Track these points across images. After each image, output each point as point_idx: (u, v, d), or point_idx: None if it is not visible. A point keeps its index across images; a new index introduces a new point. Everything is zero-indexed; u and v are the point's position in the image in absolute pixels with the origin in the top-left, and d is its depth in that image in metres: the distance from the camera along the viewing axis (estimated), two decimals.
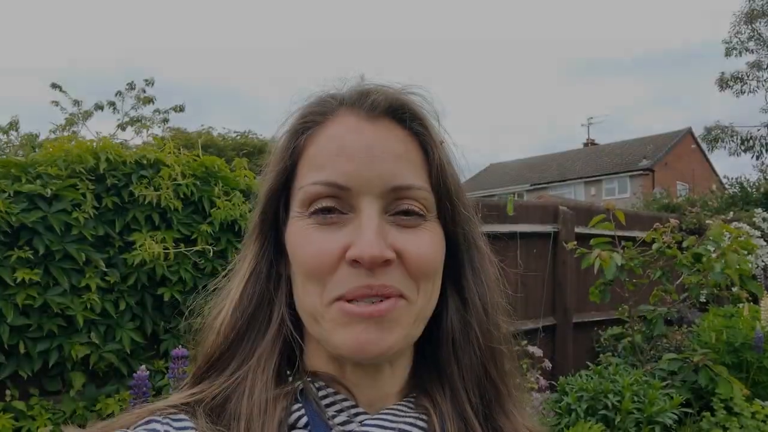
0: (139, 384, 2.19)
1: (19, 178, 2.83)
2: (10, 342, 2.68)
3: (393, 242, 0.62)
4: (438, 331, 0.72)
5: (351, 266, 0.61)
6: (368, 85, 0.70)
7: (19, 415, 2.74)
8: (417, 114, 0.68)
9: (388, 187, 0.63)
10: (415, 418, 0.68)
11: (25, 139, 9.76)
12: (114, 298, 3.02)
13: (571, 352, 5.85)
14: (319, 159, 0.65)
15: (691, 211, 7.77)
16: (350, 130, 0.65)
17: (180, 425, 0.61)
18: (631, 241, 4.68)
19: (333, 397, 0.66)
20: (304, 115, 0.69)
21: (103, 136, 3.40)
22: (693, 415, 4.39)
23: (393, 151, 0.65)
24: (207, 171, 3.40)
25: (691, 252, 4.34)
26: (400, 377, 0.71)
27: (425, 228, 0.66)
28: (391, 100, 0.67)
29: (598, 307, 6.06)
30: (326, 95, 0.70)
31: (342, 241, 0.62)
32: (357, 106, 0.67)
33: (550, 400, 4.44)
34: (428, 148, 0.68)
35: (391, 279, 0.62)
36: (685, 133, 33.96)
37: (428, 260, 0.65)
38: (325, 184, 0.63)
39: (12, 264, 2.68)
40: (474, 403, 0.70)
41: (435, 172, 0.67)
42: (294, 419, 0.64)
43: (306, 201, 0.64)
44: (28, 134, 9.98)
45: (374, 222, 0.62)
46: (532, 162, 38.74)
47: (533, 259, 5.63)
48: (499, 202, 5.46)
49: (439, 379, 0.71)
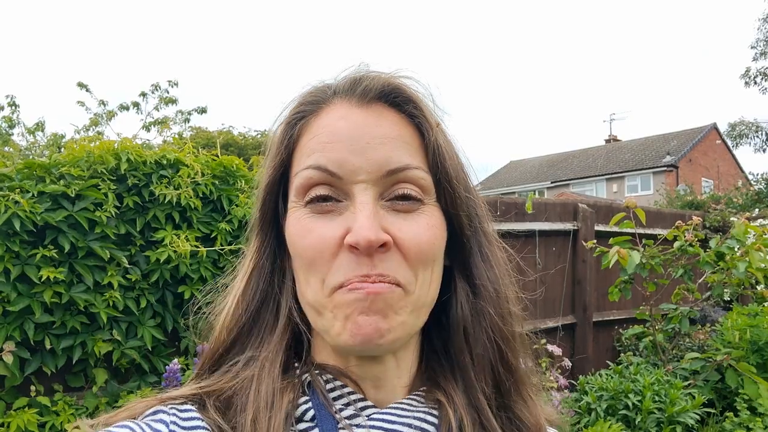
0: (171, 377, 2.24)
1: (43, 178, 2.89)
2: (35, 338, 2.74)
3: (389, 227, 0.61)
4: (447, 320, 0.70)
5: (350, 252, 0.60)
6: (361, 72, 0.69)
7: (44, 411, 2.80)
8: (410, 96, 0.67)
9: (382, 172, 0.62)
10: (425, 412, 0.66)
11: (51, 140, 9.92)
12: (135, 295, 3.08)
13: (591, 351, 5.80)
14: (311, 146, 0.65)
15: (715, 208, 7.64)
16: (341, 117, 0.65)
17: (187, 416, 0.62)
18: (652, 239, 4.62)
19: (340, 390, 0.66)
20: (298, 106, 0.69)
21: (124, 137, 3.44)
22: (716, 416, 4.33)
23: (386, 135, 0.64)
24: (225, 170, 3.43)
25: (715, 250, 4.27)
26: (407, 370, 0.70)
27: (423, 212, 0.64)
28: (383, 84, 0.66)
29: (619, 306, 5.99)
30: (321, 85, 0.70)
31: (339, 229, 0.61)
32: (350, 94, 0.66)
33: (570, 399, 4.41)
34: (424, 130, 0.66)
35: (389, 267, 0.61)
36: (709, 128, 33.38)
37: (425, 245, 0.63)
38: (315, 167, 0.63)
39: (37, 262, 2.74)
40: (488, 393, 0.68)
41: (432, 154, 0.66)
42: (301, 412, 0.64)
43: (301, 189, 0.64)
44: (54, 134, 10.15)
45: (368, 207, 0.61)
46: (552, 159, 38.40)
47: (552, 257, 5.59)
48: (518, 199, 5.43)
49: (451, 371, 0.70)
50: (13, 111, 9.73)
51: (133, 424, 0.60)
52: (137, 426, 0.59)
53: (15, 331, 2.67)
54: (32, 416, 2.70)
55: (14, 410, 2.73)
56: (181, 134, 9.72)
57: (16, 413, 2.70)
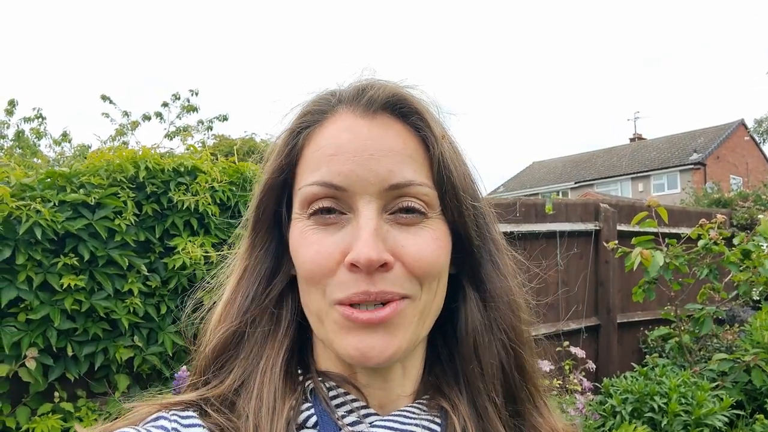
0: (181, 384, 2.26)
1: (64, 187, 2.95)
2: (58, 345, 2.79)
3: (393, 245, 0.61)
4: (455, 329, 0.70)
5: (350, 270, 0.60)
6: (367, 81, 0.68)
7: (67, 416, 2.84)
8: (416, 108, 0.66)
9: (386, 186, 0.62)
10: (429, 420, 0.66)
11: (78, 151, 10.13)
12: (155, 302, 3.11)
13: (616, 353, 5.71)
14: (316, 159, 0.64)
15: (743, 205, 7.48)
16: (346, 128, 0.64)
17: (188, 422, 0.62)
18: (676, 238, 4.53)
19: (343, 398, 0.65)
20: (302, 114, 0.68)
21: (143, 146, 3.50)
22: (745, 418, 4.23)
23: (391, 147, 0.63)
24: (242, 176, 3.46)
25: (740, 248, 4.18)
26: (413, 377, 0.70)
27: (427, 226, 0.64)
28: (388, 94, 0.66)
29: (644, 307, 5.89)
30: (326, 92, 0.69)
31: (341, 244, 0.61)
32: (355, 103, 0.66)
33: (594, 402, 4.34)
34: (428, 142, 0.65)
35: (391, 284, 0.60)
36: (737, 124, 32.70)
37: (430, 261, 0.63)
38: (320, 184, 0.62)
39: (59, 270, 2.79)
40: (497, 402, 0.67)
41: (437, 167, 0.65)
42: (303, 418, 0.63)
43: (305, 202, 0.64)
44: (81, 145, 10.36)
45: (372, 223, 0.60)
46: (575, 159, 37.99)
47: (574, 259, 5.52)
48: (538, 200, 5.37)
49: (456, 379, 0.70)
50: (40, 123, 9.97)
51: (134, 430, 0.60)
52: None
53: (38, 338, 2.72)
54: (56, 422, 2.75)
55: (39, 416, 2.77)
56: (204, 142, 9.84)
57: (40, 419, 2.74)
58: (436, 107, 0.70)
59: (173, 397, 0.66)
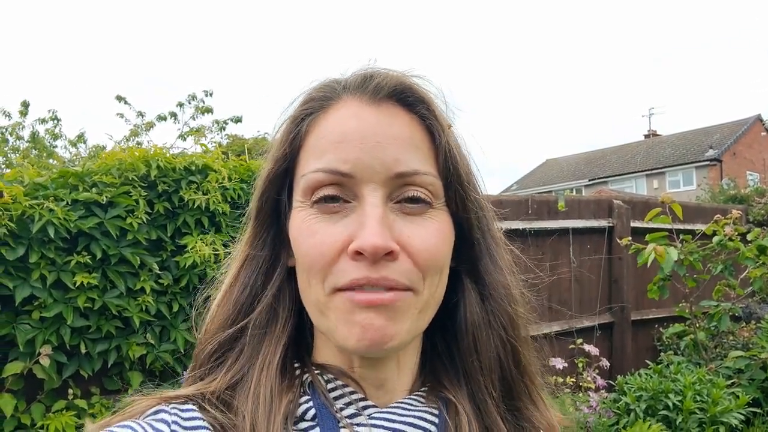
0: None
1: (77, 187, 2.98)
2: (71, 343, 2.82)
3: (398, 235, 0.60)
4: (454, 323, 0.70)
5: (353, 259, 0.59)
6: (372, 69, 0.67)
7: (81, 413, 2.87)
8: (422, 97, 0.65)
9: (392, 174, 0.61)
10: (426, 411, 0.66)
11: (93, 151, 10.22)
12: (168, 299, 3.14)
13: (630, 351, 5.65)
14: (320, 146, 0.63)
15: (759, 201, 7.38)
16: (352, 115, 0.63)
17: (188, 415, 0.61)
18: (690, 234, 4.48)
19: (341, 390, 0.65)
20: (306, 101, 0.67)
21: (154, 145, 3.52)
22: (762, 416, 4.18)
23: (397, 135, 0.62)
24: (253, 174, 3.47)
25: (756, 244, 4.12)
26: (409, 370, 0.70)
27: (432, 216, 0.63)
28: (395, 83, 0.65)
29: (659, 304, 5.83)
30: (330, 80, 0.68)
31: (344, 232, 0.60)
32: (360, 91, 0.65)
33: (608, 399, 4.31)
34: (435, 132, 0.65)
35: (394, 272, 0.60)
36: (753, 120, 32.28)
37: (434, 252, 0.62)
38: (326, 171, 0.61)
39: (72, 269, 2.82)
40: (494, 395, 0.67)
41: (442, 157, 0.64)
42: (302, 411, 0.63)
43: (308, 189, 0.63)
44: (96, 146, 10.45)
45: (378, 211, 0.60)
46: (590, 156, 37.71)
47: (587, 255, 5.47)
48: (550, 197, 5.34)
49: (455, 372, 0.70)
50: (55, 125, 10.07)
51: (135, 423, 0.59)
52: (139, 426, 0.59)
53: (52, 336, 2.75)
54: (70, 419, 2.77)
55: (53, 413, 2.80)
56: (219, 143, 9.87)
57: (54, 416, 2.78)
58: (443, 97, 0.69)
59: (173, 391, 0.66)
